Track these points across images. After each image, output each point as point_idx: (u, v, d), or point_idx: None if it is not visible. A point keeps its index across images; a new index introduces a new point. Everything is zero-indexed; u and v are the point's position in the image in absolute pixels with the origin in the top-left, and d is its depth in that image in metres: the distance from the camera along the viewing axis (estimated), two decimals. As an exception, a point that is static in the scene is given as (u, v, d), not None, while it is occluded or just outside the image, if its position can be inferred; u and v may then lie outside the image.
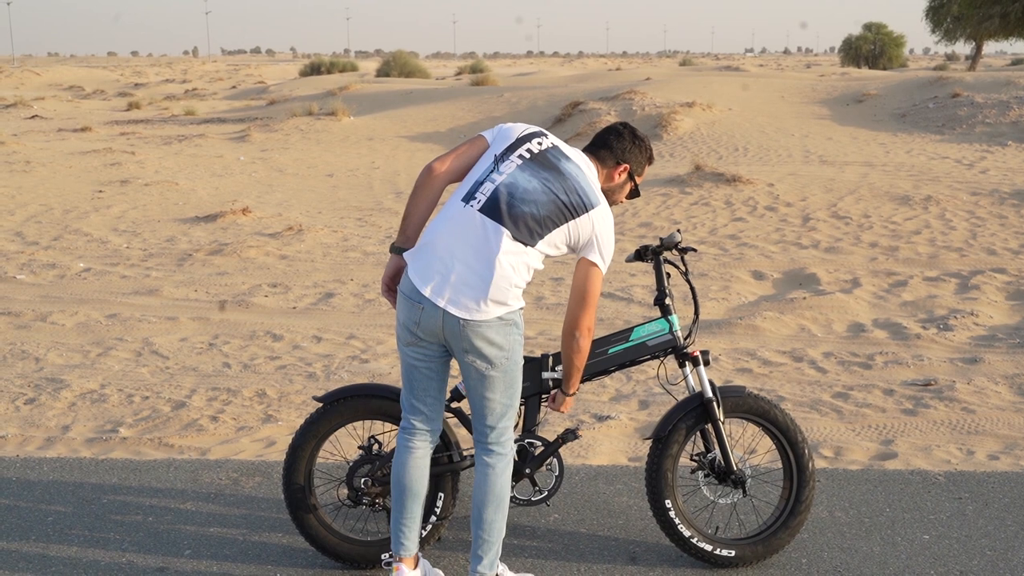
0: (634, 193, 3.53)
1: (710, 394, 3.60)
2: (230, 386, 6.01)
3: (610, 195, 3.43)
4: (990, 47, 50.36)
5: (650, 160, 3.53)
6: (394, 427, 3.73)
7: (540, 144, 3.30)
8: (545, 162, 3.26)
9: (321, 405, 3.66)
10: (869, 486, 4.38)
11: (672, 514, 3.62)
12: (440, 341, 3.23)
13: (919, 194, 11.72)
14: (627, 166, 3.44)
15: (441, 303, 3.13)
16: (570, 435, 3.72)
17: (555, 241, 3.21)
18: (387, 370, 6.29)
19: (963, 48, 50.26)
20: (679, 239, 3.68)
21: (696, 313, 3.77)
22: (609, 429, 5.28)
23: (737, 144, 17.41)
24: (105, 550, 3.84)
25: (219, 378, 6.21)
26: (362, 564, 3.69)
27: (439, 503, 3.68)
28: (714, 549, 3.65)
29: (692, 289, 3.75)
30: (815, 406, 5.61)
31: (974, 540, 3.89)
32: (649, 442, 3.77)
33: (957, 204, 11.17)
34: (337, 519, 3.79)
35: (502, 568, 3.46)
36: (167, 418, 5.48)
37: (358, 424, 4.24)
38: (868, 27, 53.34)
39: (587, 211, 3.22)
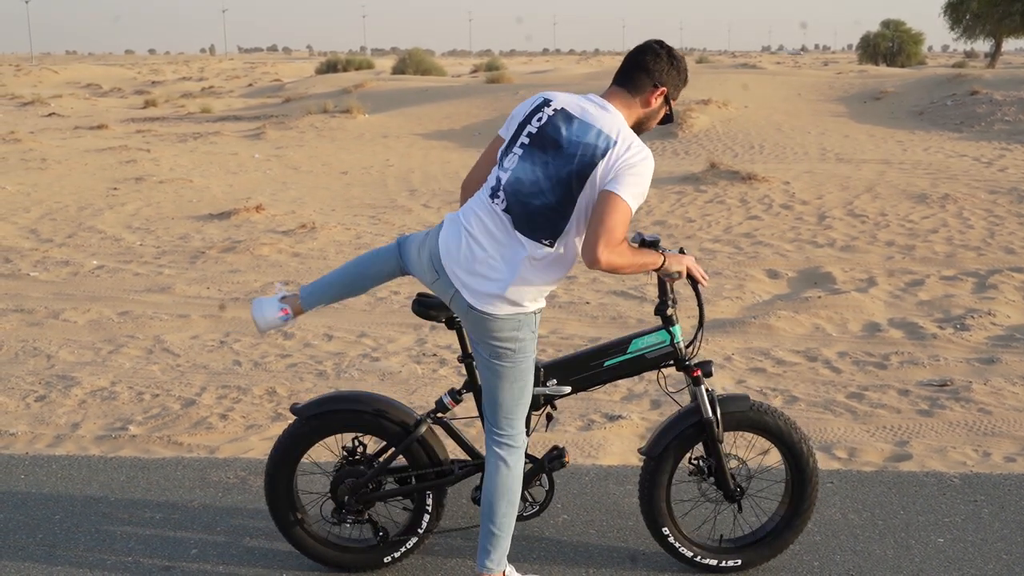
0: (668, 118, 3.26)
1: (710, 415, 3.44)
2: (240, 384, 6.00)
3: (645, 124, 3.19)
4: (1009, 44, 49.97)
5: (685, 82, 3.25)
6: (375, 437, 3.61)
7: (541, 119, 3.10)
8: (545, 141, 3.06)
9: (296, 419, 3.54)
10: (883, 488, 4.32)
11: (672, 540, 3.58)
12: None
13: (936, 192, 11.61)
14: (664, 90, 3.15)
15: (456, 283, 3.12)
16: (557, 463, 3.55)
17: (585, 215, 3.05)
18: (397, 368, 6.27)
19: (982, 45, 49.88)
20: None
21: (700, 322, 3.52)
22: (620, 429, 5.23)
23: (753, 142, 17.31)
24: (112, 548, 3.83)
25: (229, 376, 6.20)
26: (367, 568, 3.65)
27: (425, 519, 3.61)
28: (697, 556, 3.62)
29: (698, 296, 3.50)
30: (829, 406, 5.55)
31: (990, 543, 3.83)
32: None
33: (975, 202, 11.06)
34: (333, 526, 3.71)
35: (509, 569, 3.42)
36: (176, 416, 5.47)
37: None
38: (886, 24, 52.98)
39: (599, 160, 3.00)
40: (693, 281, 3.38)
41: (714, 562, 3.60)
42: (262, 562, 3.73)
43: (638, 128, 3.17)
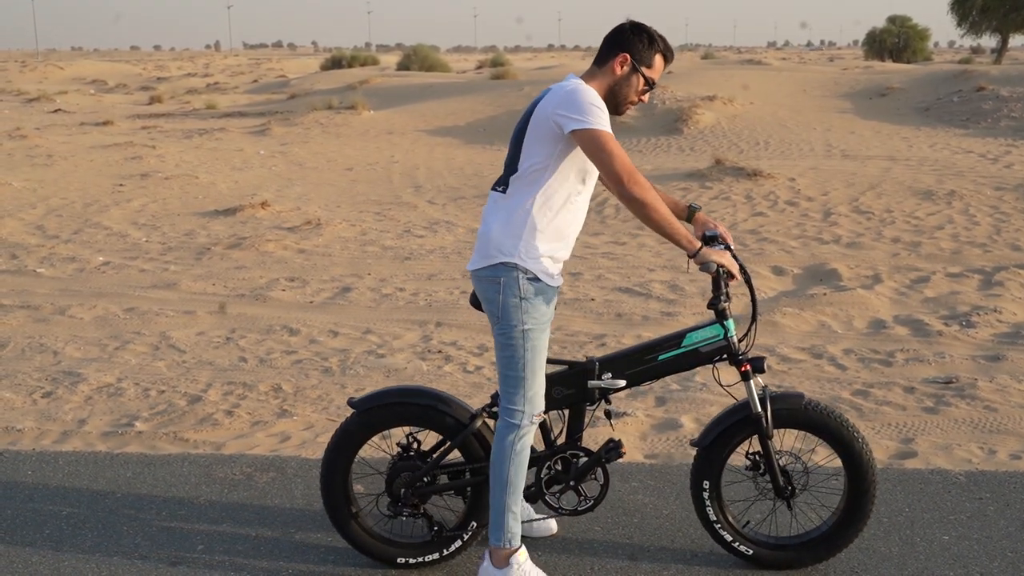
0: (647, 87, 3.28)
1: (758, 409, 3.40)
2: (246, 380, 6.01)
3: (619, 94, 3.25)
4: (1016, 40, 49.80)
5: (663, 54, 3.27)
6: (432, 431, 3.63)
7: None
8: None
9: (354, 411, 3.57)
10: (888, 485, 4.32)
11: (718, 527, 3.58)
12: None
13: (942, 189, 11.58)
14: (626, 55, 3.22)
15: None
16: (614, 453, 3.55)
17: (536, 154, 3.18)
18: (403, 365, 6.28)
19: (989, 41, 49.76)
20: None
21: (754, 316, 3.48)
22: (625, 426, 5.24)
23: (758, 138, 17.29)
24: (119, 544, 3.84)
25: (235, 372, 6.21)
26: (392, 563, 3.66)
27: (479, 512, 3.60)
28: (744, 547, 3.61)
29: (751, 289, 3.45)
30: (834, 403, 5.54)
31: (995, 541, 3.83)
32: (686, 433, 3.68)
33: (981, 199, 11.03)
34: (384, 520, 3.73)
35: (524, 556, 3.42)
36: (182, 412, 5.48)
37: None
38: (892, 20, 52.84)
39: (536, 107, 3.19)
40: (746, 276, 3.38)
41: (729, 538, 3.59)
42: (268, 557, 3.74)
43: (614, 100, 3.25)
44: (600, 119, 3.08)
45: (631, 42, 3.22)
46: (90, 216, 11.62)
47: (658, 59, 3.27)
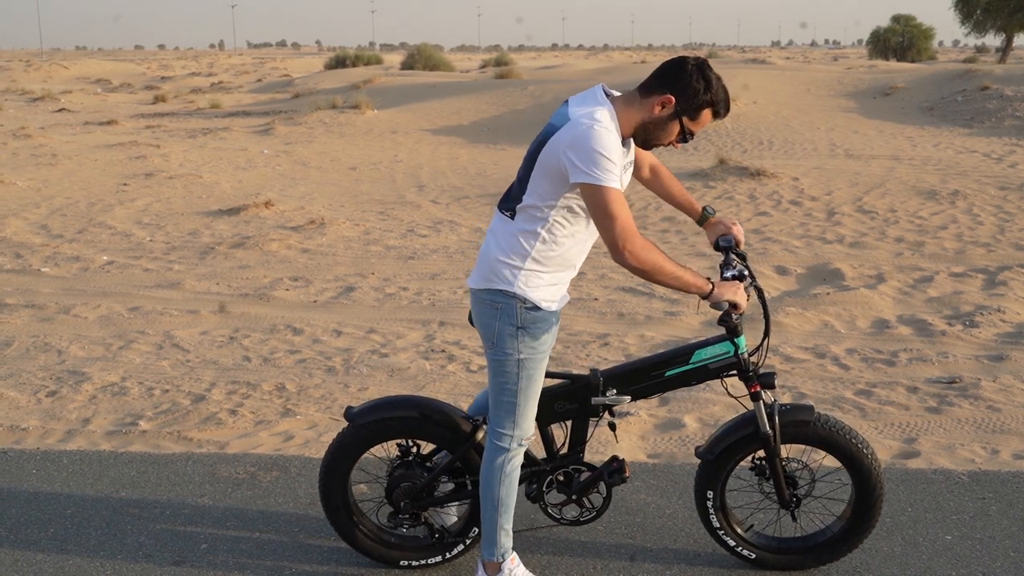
0: (683, 138, 3.03)
1: (767, 429, 3.37)
2: (249, 380, 6.03)
3: (650, 133, 3.02)
4: (1021, 39, 49.75)
5: (713, 107, 2.99)
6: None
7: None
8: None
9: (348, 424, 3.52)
10: (891, 485, 4.32)
11: (709, 504, 3.58)
12: None
13: (946, 188, 11.57)
14: (671, 98, 2.95)
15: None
16: (617, 477, 3.49)
17: (542, 190, 2.99)
18: (406, 364, 6.28)
19: (993, 40, 49.72)
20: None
21: (766, 331, 3.39)
22: (628, 425, 5.24)
23: (762, 138, 17.28)
24: (122, 543, 3.86)
25: (239, 371, 6.22)
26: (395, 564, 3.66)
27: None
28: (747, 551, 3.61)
29: (764, 304, 3.38)
30: (837, 403, 5.54)
31: (997, 541, 3.83)
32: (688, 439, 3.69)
33: (985, 199, 11.02)
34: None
35: (512, 565, 3.42)
36: (186, 411, 5.49)
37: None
38: (896, 19, 52.83)
39: (550, 136, 2.94)
40: (759, 291, 3.30)
41: (733, 543, 3.59)
42: (271, 556, 3.75)
43: (643, 136, 3.05)
44: (608, 173, 2.86)
45: (685, 85, 2.95)
46: (94, 215, 11.64)
47: (706, 113, 3.00)
